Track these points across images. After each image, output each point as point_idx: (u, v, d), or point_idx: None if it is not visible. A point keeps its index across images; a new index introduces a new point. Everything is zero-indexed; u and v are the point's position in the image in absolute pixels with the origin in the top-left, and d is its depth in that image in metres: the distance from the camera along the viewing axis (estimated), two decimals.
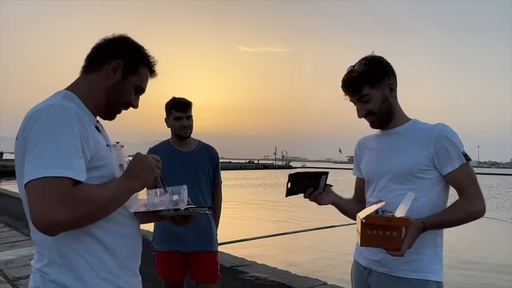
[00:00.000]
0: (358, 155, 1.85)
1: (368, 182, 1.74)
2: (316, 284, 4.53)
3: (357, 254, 1.74)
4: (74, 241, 1.15)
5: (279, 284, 4.44)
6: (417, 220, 1.47)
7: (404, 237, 1.41)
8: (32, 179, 1.03)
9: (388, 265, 1.58)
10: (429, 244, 1.57)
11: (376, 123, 1.68)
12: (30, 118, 1.11)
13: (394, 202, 1.55)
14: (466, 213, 1.54)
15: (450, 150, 1.55)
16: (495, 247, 10.13)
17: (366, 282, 1.67)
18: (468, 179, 1.56)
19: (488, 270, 7.94)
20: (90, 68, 1.30)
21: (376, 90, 1.62)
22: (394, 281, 1.57)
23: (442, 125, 1.60)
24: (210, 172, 2.71)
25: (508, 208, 20.31)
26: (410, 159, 1.58)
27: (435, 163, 1.57)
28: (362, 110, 1.65)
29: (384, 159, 1.66)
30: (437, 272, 1.57)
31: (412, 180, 1.58)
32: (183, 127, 2.62)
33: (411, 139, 1.61)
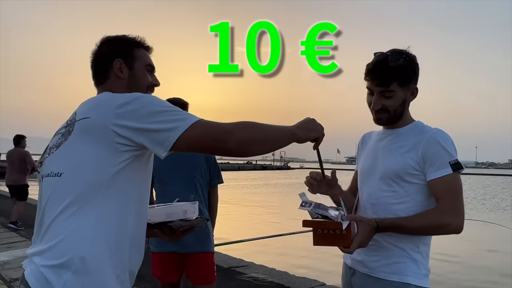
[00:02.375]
0: (360, 149, 1.81)
1: (360, 178, 1.71)
2: (314, 285, 4.52)
3: (344, 254, 1.70)
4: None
5: (277, 285, 4.43)
6: (370, 219, 1.46)
7: (355, 235, 1.40)
8: (195, 122, 1.14)
9: (370, 266, 1.57)
10: (410, 248, 1.53)
11: (383, 121, 1.60)
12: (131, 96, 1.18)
13: (381, 202, 1.55)
14: (431, 223, 1.46)
15: (437, 157, 1.48)
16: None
17: (350, 282, 1.66)
18: (448, 190, 1.47)
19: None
20: (101, 80, 1.35)
21: (401, 90, 1.54)
22: (375, 282, 1.55)
23: (437, 130, 1.54)
24: (207, 172, 2.69)
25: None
26: (399, 161, 1.54)
27: (422, 168, 1.51)
28: (379, 104, 1.55)
29: (376, 158, 1.63)
30: (418, 276, 1.52)
31: (399, 183, 1.53)
32: None
33: (406, 141, 1.56)
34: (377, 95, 1.55)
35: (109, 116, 1.13)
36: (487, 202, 22.92)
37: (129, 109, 1.13)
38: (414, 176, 1.52)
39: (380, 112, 1.56)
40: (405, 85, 1.54)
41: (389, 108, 1.55)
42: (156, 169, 2.59)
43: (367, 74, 1.56)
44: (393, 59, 1.51)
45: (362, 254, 1.56)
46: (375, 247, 1.52)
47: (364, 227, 1.41)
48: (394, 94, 1.53)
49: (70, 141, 1.17)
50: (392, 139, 1.61)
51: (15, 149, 7.56)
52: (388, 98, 1.54)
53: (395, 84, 1.52)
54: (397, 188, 1.54)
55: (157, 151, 1.14)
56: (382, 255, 1.54)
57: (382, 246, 1.53)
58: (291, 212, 15.01)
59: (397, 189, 1.53)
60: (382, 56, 1.54)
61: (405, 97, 1.56)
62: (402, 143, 1.57)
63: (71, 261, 1.08)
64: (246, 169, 70.94)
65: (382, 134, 1.67)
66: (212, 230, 2.75)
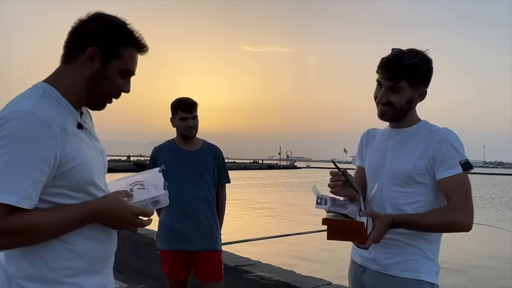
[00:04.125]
0: (364, 145, 1.80)
1: (369, 177, 1.71)
2: (321, 284, 4.52)
3: (353, 252, 1.73)
4: (41, 247, 1.09)
5: (284, 283, 4.44)
6: (387, 215, 1.47)
7: (371, 231, 1.41)
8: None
9: (382, 264, 1.58)
10: (422, 245, 1.55)
11: (388, 117, 1.60)
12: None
13: (391, 203, 1.56)
14: (443, 220, 1.49)
15: (447, 157, 1.50)
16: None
17: (360, 280, 1.67)
18: (458, 188, 1.50)
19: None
20: (68, 58, 1.17)
21: (410, 89, 1.55)
22: (387, 279, 1.57)
23: (446, 130, 1.56)
24: (215, 171, 2.71)
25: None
26: (410, 163, 1.55)
27: (432, 167, 1.53)
28: (385, 98, 1.56)
29: (386, 158, 1.63)
30: (431, 273, 1.55)
31: (410, 184, 1.55)
32: (189, 128, 2.63)
33: (416, 142, 1.58)
34: (385, 89, 1.55)
35: None
36: (495, 201, 22.81)
37: None
38: (425, 177, 1.53)
39: (385, 106, 1.57)
40: (415, 85, 1.55)
41: (394, 103, 1.55)
42: (165, 167, 2.63)
43: (380, 67, 1.57)
44: (409, 57, 1.51)
45: (373, 251, 1.57)
46: (387, 245, 1.53)
47: (380, 223, 1.42)
48: (402, 91, 1.54)
49: None
50: (401, 139, 1.61)
51: None
52: (395, 94, 1.54)
53: (405, 82, 1.52)
54: (408, 189, 1.55)
55: None
56: (395, 253, 1.55)
57: (394, 244, 1.55)
58: (298, 211, 15.01)
59: (408, 190, 1.55)
60: (399, 53, 1.54)
61: (412, 97, 1.56)
62: (411, 143, 1.58)
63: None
64: (252, 168, 71.10)
65: (388, 133, 1.67)
66: (220, 229, 2.77)
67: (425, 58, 1.56)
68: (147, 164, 2.84)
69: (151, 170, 1.47)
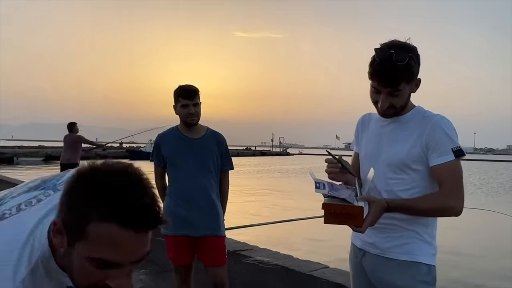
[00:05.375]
0: (360, 131, 1.82)
1: (364, 164, 1.74)
2: (318, 267, 4.60)
3: (353, 236, 1.79)
4: None
5: (282, 267, 4.53)
6: (382, 200, 1.50)
7: (367, 215, 1.44)
8: None
9: (381, 247, 1.64)
10: (419, 229, 1.60)
11: (389, 116, 1.63)
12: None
13: (387, 190, 1.61)
14: (436, 205, 1.54)
15: (440, 144, 1.53)
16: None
17: (360, 263, 1.73)
18: (450, 175, 1.53)
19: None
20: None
21: (408, 86, 1.56)
22: (386, 262, 1.63)
23: (440, 117, 1.58)
24: (218, 158, 2.76)
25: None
26: (405, 150, 1.58)
27: (426, 154, 1.56)
28: (387, 103, 1.57)
29: (382, 145, 1.66)
30: (428, 255, 1.60)
31: (405, 170, 1.59)
32: (190, 115, 2.65)
33: (410, 129, 1.60)
34: (385, 95, 1.55)
35: None
36: (483, 187, 23.16)
37: None
38: (419, 163, 1.57)
39: (388, 109, 1.58)
40: (411, 81, 1.56)
41: (396, 105, 1.57)
42: (169, 154, 2.68)
43: (373, 75, 1.54)
44: (399, 58, 1.48)
45: (373, 236, 1.63)
46: (386, 230, 1.60)
47: (376, 207, 1.45)
48: (402, 92, 1.55)
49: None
50: (396, 127, 1.64)
51: (69, 134, 9.21)
52: (396, 97, 1.55)
53: (404, 83, 1.53)
54: (403, 175, 1.59)
55: None
56: (393, 237, 1.61)
57: (393, 229, 1.60)
58: (293, 198, 15.13)
59: (404, 177, 1.59)
60: (386, 55, 1.50)
61: (410, 91, 1.59)
62: (406, 131, 1.60)
63: None
64: (245, 155, 71.15)
65: (384, 120, 1.68)
66: (223, 214, 2.82)
67: (414, 52, 1.55)
68: (151, 152, 2.87)
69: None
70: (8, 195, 1.05)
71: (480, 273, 6.92)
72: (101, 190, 0.76)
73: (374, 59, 1.54)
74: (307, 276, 4.28)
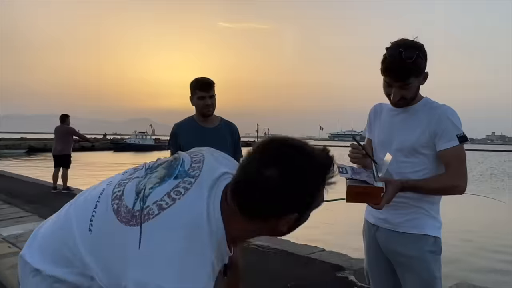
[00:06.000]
0: (372, 119, 2.02)
1: (378, 149, 1.94)
2: (315, 250, 4.87)
3: (367, 213, 2.01)
4: None
5: (282, 251, 4.77)
6: (397, 180, 1.69)
7: (384, 194, 1.62)
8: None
9: (393, 222, 1.86)
10: (426, 206, 1.82)
11: (400, 106, 1.83)
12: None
13: (398, 172, 1.80)
14: (444, 185, 1.73)
15: (447, 131, 1.72)
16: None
17: (374, 236, 1.96)
18: (456, 158, 1.72)
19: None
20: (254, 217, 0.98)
21: (417, 80, 1.74)
22: (397, 235, 1.84)
23: (446, 107, 1.78)
24: (231, 147, 2.93)
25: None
26: (414, 137, 1.78)
27: (433, 140, 1.76)
28: (398, 95, 1.76)
29: (393, 132, 1.87)
30: (434, 228, 1.81)
31: (415, 155, 1.79)
32: (206, 106, 2.82)
33: (419, 118, 1.79)
34: (396, 88, 1.75)
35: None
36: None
37: None
38: (427, 148, 1.78)
39: (400, 101, 1.79)
40: (420, 75, 1.75)
41: (406, 97, 1.78)
42: (185, 142, 2.84)
43: (385, 71, 1.73)
44: (408, 56, 1.65)
45: (385, 212, 1.84)
46: (396, 207, 1.81)
47: (392, 187, 1.66)
48: (411, 85, 1.73)
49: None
50: (407, 116, 1.84)
51: (61, 125, 9.26)
52: (406, 90, 1.74)
53: (413, 78, 1.71)
54: (413, 159, 1.80)
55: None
56: (403, 213, 1.83)
57: (403, 206, 1.82)
58: None
59: (414, 160, 1.80)
60: (396, 54, 1.67)
61: (419, 84, 1.79)
62: (416, 120, 1.81)
63: None
64: None
65: (395, 110, 1.88)
66: None
67: (421, 49, 1.71)
68: (168, 140, 3.04)
69: None
70: (131, 188, 1.09)
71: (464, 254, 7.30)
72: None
73: (386, 57, 1.72)
74: (306, 258, 4.55)
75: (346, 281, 3.82)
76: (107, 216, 1.07)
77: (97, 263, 1.05)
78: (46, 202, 7.70)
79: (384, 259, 1.94)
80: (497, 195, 14.83)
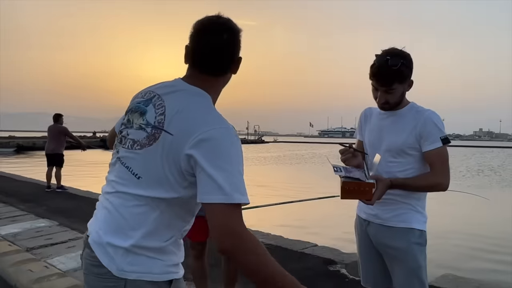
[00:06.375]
0: (363, 123, 2.17)
1: (367, 149, 2.09)
2: (308, 246, 5.03)
3: (358, 209, 2.17)
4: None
5: (276, 247, 4.92)
6: (386, 178, 1.86)
7: (375, 191, 1.79)
8: (237, 203, 1.09)
9: (382, 217, 2.01)
10: (413, 202, 1.97)
11: (386, 109, 1.99)
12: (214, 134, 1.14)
13: (387, 171, 1.95)
14: (429, 182, 1.89)
15: (431, 134, 1.87)
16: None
17: (365, 231, 2.12)
18: (439, 158, 1.88)
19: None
20: (215, 72, 1.31)
21: (401, 86, 1.89)
22: (387, 229, 2.00)
23: (431, 111, 1.93)
24: None
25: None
26: (401, 139, 1.93)
27: (419, 142, 1.91)
28: (383, 99, 1.93)
29: (382, 135, 2.02)
30: (420, 223, 1.97)
31: (402, 155, 1.94)
32: None
33: (406, 121, 1.94)
34: (382, 92, 1.91)
35: (186, 145, 1.14)
36: (452, 171, 24.17)
37: (206, 148, 1.13)
38: (413, 149, 1.94)
39: (384, 104, 1.96)
40: (404, 82, 1.89)
41: (391, 101, 1.94)
42: None
43: (372, 76, 1.90)
44: (393, 63, 1.82)
45: (375, 209, 2.01)
46: (386, 203, 1.97)
47: (382, 185, 1.83)
48: (395, 90, 1.89)
49: (153, 149, 1.19)
50: (394, 120, 2.00)
51: (54, 124, 9.33)
52: (391, 94, 1.90)
53: (396, 83, 1.87)
54: (400, 159, 1.96)
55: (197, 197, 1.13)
56: (392, 209, 1.99)
57: (392, 202, 1.98)
58: (276, 184, 15.49)
59: (401, 160, 1.96)
60: (383, 61, 1.84)
61: (404, 90, 1.94)
62: (402, 123, 1.96)
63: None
64: None
65: (384, 114, 2.03)
66: None
67: (407, 58, 1.86)
68: None
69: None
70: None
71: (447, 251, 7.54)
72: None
73: (374, 63, 1.88)
74: (299, 253, 4.71)
75: (338, 274, 3.99)
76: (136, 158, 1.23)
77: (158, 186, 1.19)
78: (41, 201, 7.74)
79: (375, 252, 2.10)
80: (483, 191, 15.21)
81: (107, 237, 1.21)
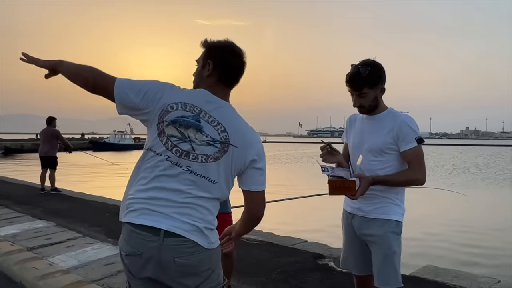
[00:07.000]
0: (349, 127, 2.41)
1: (352, 151, 2.34)
2: (298, 241, 5.25)
3: (345, 204, 2.41)
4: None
5: (267, 243, 5.13)
6: (368, 176, 2.09)
7: (358, 187, 2.04)
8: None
9: (365, 210, 2.25)
10: (392, 196, 2.22)
11: (363, 112, 2.25)
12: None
13: (369, 169, 2.19)
14: (407, 178, 2.14)
15: (406, 135, 2.11)
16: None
17: (350, 223, 2.36)
18: (415, 157, 2.12)
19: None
20: (233, 85, 1.75)
21: (372, 91, 2.14)
22: (369, 221, 2.24)
23: (405, 115, 2.18)
24: None
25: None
26: (381, 140, 2.16)
27: (397, 142, 2.14)
28: (357, 102, 2.19)
29: (364, 136, 2.26)
30: (398, 214, 2.21)
31: (382, 154, 2.18)
32: None
33: (384, 124, 2.18)
34: (356, 97, 2.17)
35: (250, 153, 1.61)
36: (438, 169, 24.81)
37: (262, 152, 1.67)
38: (392, 149, 2.18)
39: (359, 107, 2.23)
40: (374, 87, 2.14)
41: (364, 105, 2.20)
42: None
43: (347, 83, 2.17)
44: (363, 70, 2.10)
45: (358, 203, 2.25)
46: (367, 198, 2.21)
47: (365, 182, 2.08)
48: (366, 94, 2.14)
49: (225, 159, 1.58)
50: (374, 124, 2.24)
51: (47, 127, 9.51)
52: (363, 98, 2.15)
53: (366, 88, 2.12)
54: (381, 158, 2.20)
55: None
56: (373, 202, 2.23)
57: (373, 197, 2.22)
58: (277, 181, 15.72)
59: (381, 159, 2.20)
60: (355, 69, 2.13)
61: (376, 95, 2.19)
62: (381, 126, 2.21)
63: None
64: None
65: (365, 118, 2.29)
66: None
67: (376, 66, 2.13)
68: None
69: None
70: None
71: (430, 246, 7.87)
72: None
73: (349, 72, 2.16)
74: (290, 249, 4.94)
75: (326, 267, 4.22)
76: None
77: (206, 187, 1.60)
78: (36, 202, 7.86)
79: (359, 243, 2.34)
80: (467, 188, 15.65)
81: (202, 223, 1.60)
